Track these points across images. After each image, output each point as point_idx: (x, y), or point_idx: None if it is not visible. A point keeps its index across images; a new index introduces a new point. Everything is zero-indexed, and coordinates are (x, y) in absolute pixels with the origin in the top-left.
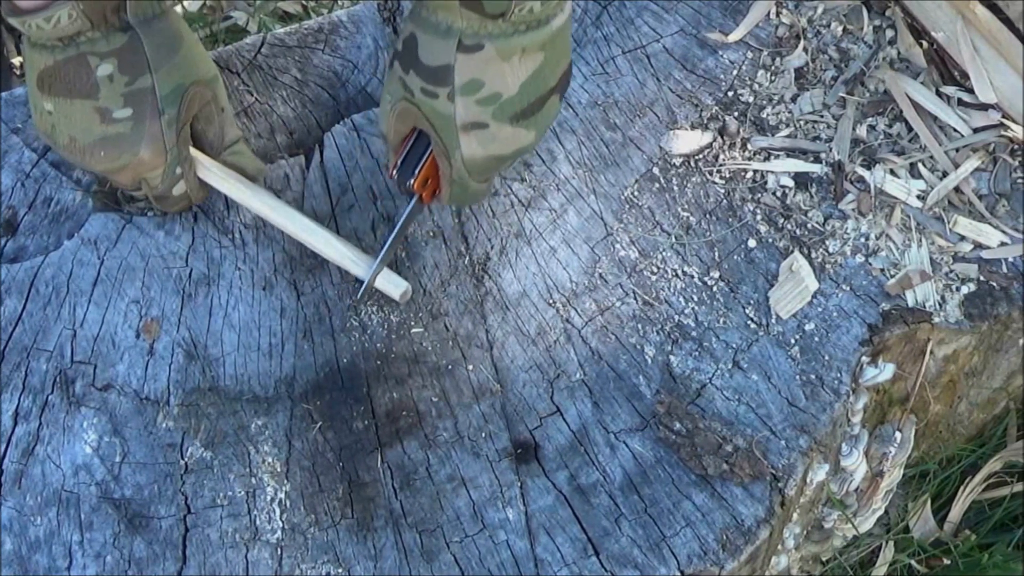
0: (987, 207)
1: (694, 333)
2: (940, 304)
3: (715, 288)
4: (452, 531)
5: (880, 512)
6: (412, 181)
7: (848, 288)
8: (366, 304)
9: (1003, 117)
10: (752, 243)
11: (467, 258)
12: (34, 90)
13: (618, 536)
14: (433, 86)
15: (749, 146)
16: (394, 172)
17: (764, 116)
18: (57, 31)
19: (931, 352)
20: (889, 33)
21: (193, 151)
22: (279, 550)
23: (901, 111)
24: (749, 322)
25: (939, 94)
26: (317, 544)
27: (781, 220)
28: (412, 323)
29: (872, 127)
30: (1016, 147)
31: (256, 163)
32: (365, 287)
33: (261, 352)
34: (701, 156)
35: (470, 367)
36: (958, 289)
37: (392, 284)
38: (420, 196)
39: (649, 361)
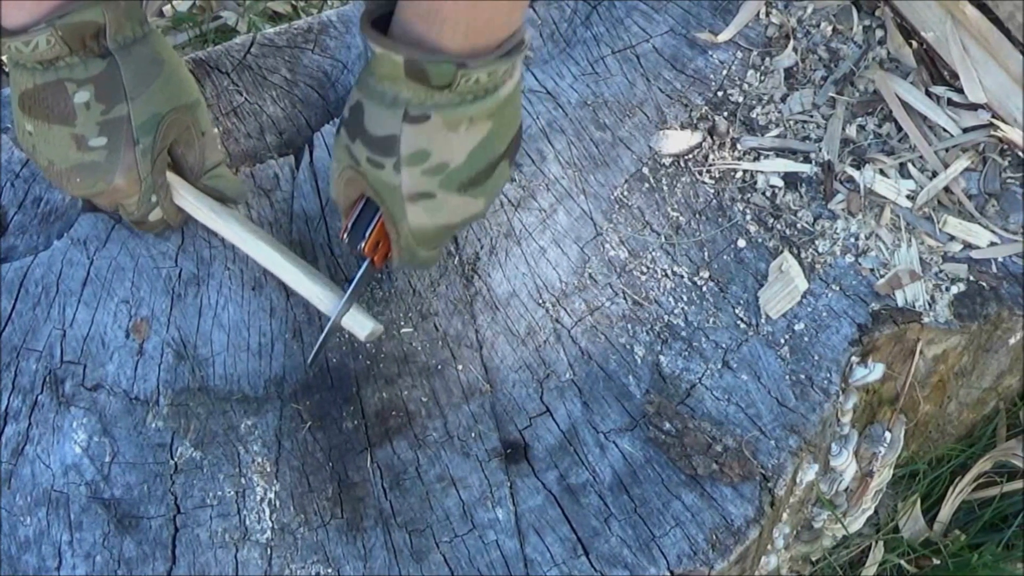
0: (977, 207)
1: (684, 333)
2: (930, 304)
3: (705, 288)
4: (442, 531)
5: (870, 512)
6: (363, 244)
7: (838, 288)
8: (317, 364)
9: (993, 117)
10: (742, 243)
11: (457, 258)
12: (16, 109)
13: (608, 536)
14: (379, 156)
15: (739, 146)
16: (345, 236)
17: (754, 116)
18: (36, 55)
19: (921, 352)
20: (879, 33)
21: (170, 176)
22: (269, 550)
23: (891, 111)
24: (739, 322)
25: (929, 94)
26: (307, 544)
27: (771, 220)
28: (402, 323)
29: (862, 127)
30: (1006, 147)
31: (237, 186)
32: (325, 335)
33: (251, 352)
34: (691, 156)
35: (460, 367)
36: (948, 289)
37: (358, 324)
38: (372, 260)
39: (639, 361)
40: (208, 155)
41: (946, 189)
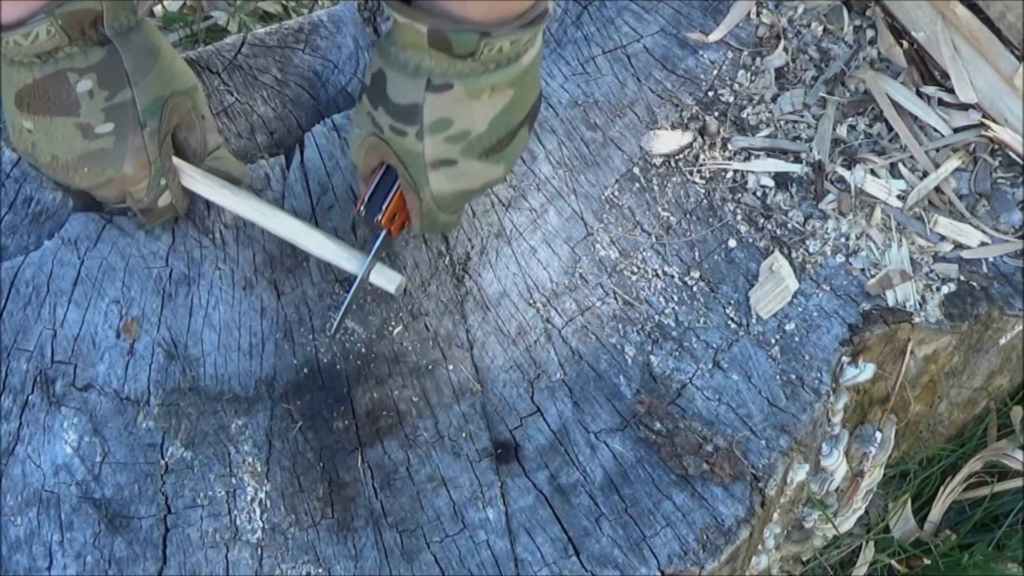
0: (967, 207)
1: (674, 333)
2: (920, 304)
3: (695, 288)
4: (432, 531)
5: (860, 512)
6: (380, 217)
7: (828, 288)
8: (350, 318)
9: (983, 117)
10: (732, 243)
11: (447, 258)
12: (12, 109)
13: (598, 536)
14: (402, 124)
15: (729, 146)
16: (362, 208)
17: (744, 116)
18: (35, 47)
19: (911, 352)
20: (869, 33)
21: (176, 160)
22: (259, 550)
23: (881, 111)
24: (729, 322)
25: (919, 94)
26: (297, 544)
27: (761, 220)
28: (392, 323)
29: (852, 127)
30: (996, 147)
31: (239, 167)
32: (358, 283)
33: (241, 352)
34: (681, 156)
35: (450, 367)
36: (938, 289)
37: (386, 278)
38: (388, 231)
39: (629, 361)
40: (209, 138)
41: (937, 189)
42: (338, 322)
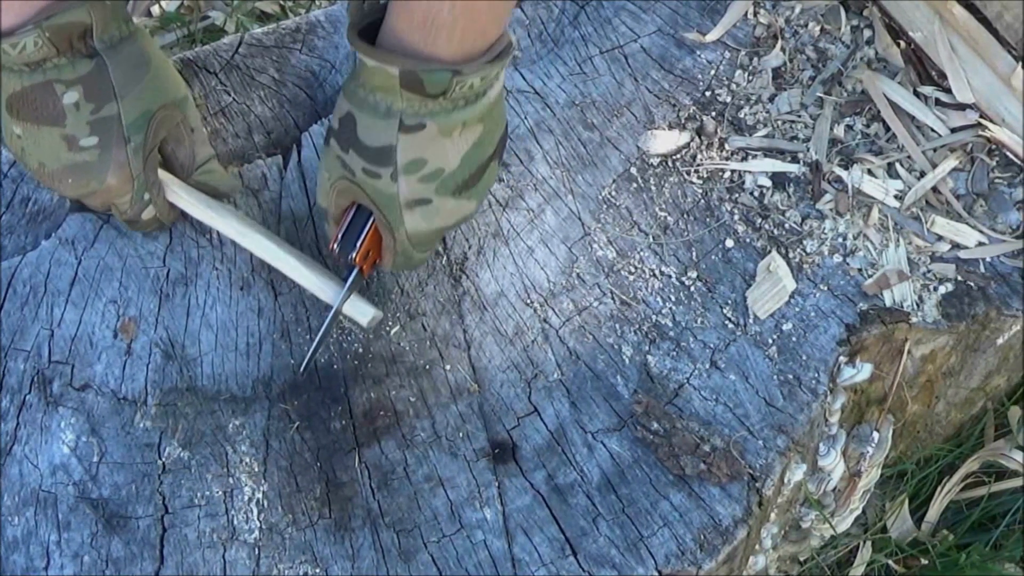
0: (964, 207)
1: (672, 333)
2: (918, 304)
3: (693, 288)
4: (430, 531)
5: (858, 512)
6: (354, 255)
7: (826, 288)
8: (310, 370)
9: (981, 117)
10: (730, 243)
11: (445, 258)
12: (4, 113)
13: (596, 536)
14: (375, 167)
15: (727, 146)
16: (335, 246)
17: (742, 116)
18: (23, 57)
19: (909, 352)
20: (867, 33)
21: (162, 174)
22: (257, 550)
23: (879, 111)
24: (727, 322)
25: (917, 94)
26: (295, 544)
27: (759, 220)
28: (390, 323)
29: (850, 127)
30: (993, 147)
31: (228, 180)
32: (331, 317)
33: (239, 352)
34: (679, 156)
35: (448, 367)
36: (936, 289)
37: (359, 311)
38: (360, 268)
39: (627, 361)
40: (198, 151)
41: (934, 189)
42: (310, 356)
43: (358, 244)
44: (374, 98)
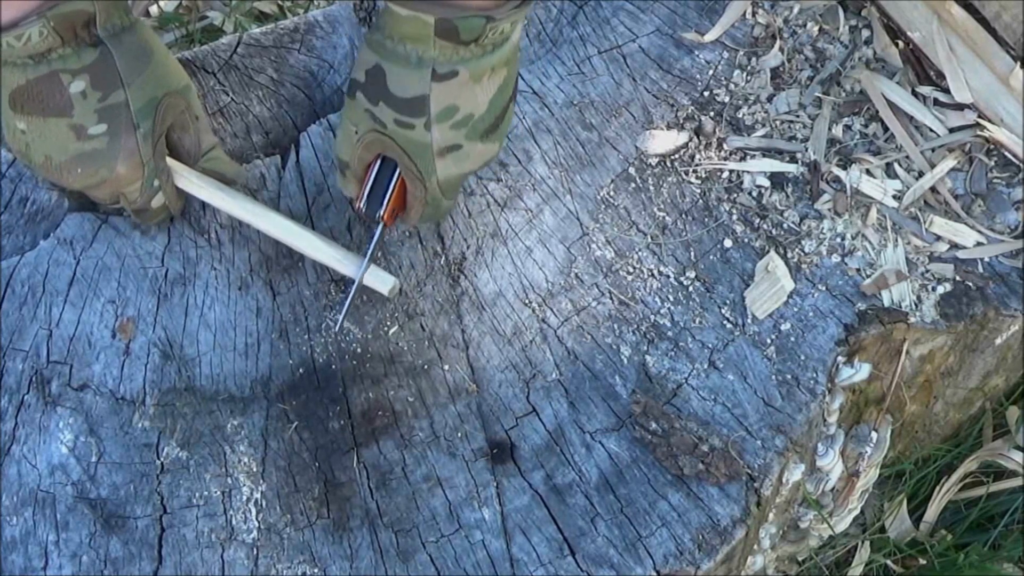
0: (963, 207)
1: (670, 333)
2: (916, 304)
3: (691, 288)
4: (428, 531)
5: (856, 512)
6: (382, 211)
7: (824, 288)
8: (349, 319)
9: (979, 117)
10: (728, 243)
11: (443, 258)
12: (6, 109)
13: (594, 536)
14: (408, 117)
15: (725, 146)
16: (362, 204)
17: (740, 116)
18: (28, 48)
19: (907, 352)
20: (865, 33)
21: (170, 161)
22: (255, 550)
23: (877, 111)
24: (725, 322)
25: (915, 94)
26: (293, 544)
27: (757, 220)
28: (388, 323)
29: (848, 127)
30: (992, 147)
31: (234, 167)
32: (355, 288)
33: (237, 352)
34: (677, 156)
35: (446, 367)
36: (934, 289)
37: (380, 280)
38: (385, 224)
39: (625, 361)
40: (203, 139)
41: (932, 189)
42: (340, 322)
43: (385, 200)
44: (404, 48)
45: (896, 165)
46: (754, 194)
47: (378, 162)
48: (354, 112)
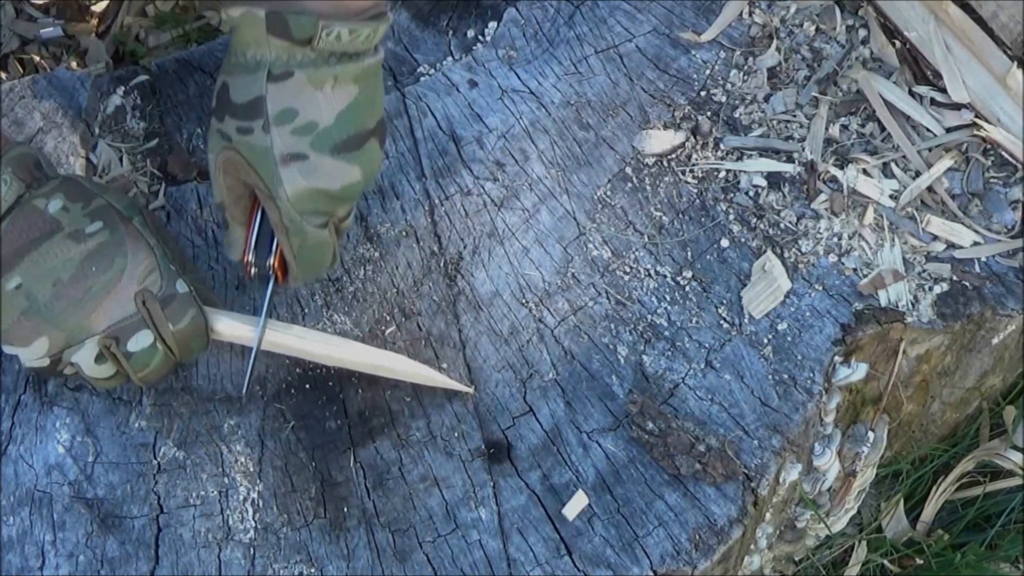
0: (960, 207)
1: (667, 333)
2: (913, 304)
3: (688, 288)
4: (425, 531)
5: (853, 512)
6: (272, 260)
7: (821, 288)
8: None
9: (976, 117)
10: (725, 243)
11: (440, 258)
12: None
13: (591, 536)
14: (247, 121)
15: (722, 146)
16: (250, 256)
17: (737, 116)
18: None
19: (904, 352)
20: (862, 33)
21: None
22: (252, 550)
23: (874, 111)
24: (722, 322)
25: (912, 94)
26: (290, 544)
27: (754, 220)
28: (385, 323)
29: (845, 127)
30: (989, 147)
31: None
32: (253, 361)
33: (234, 352)
34: (674, 156)
35: (443, 367)
36: (931, 289)
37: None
38: (276, 275)
39: (622, 361)
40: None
41: (929, 189)
42: (246, 386)
43: (273, 247)
44: (244, 57)
45: (893, 165)
46: (751, 194)
47: (259, 212)
48: (211, 141)
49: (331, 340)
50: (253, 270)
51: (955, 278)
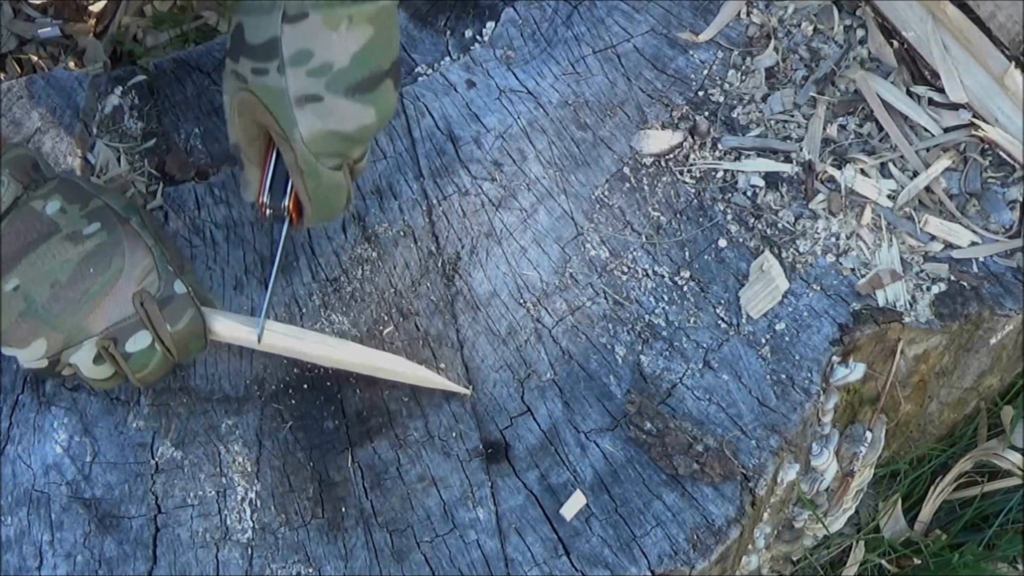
0: (958, 207)
1: (664, 333)
2: (911, 304)
3: (686, 288)
4: (422, 531)
5: (851, 512)
6: (287, 202)
7: (819, 288)
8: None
9: (973, 116)
10: (723, 243)
11: (438, 258)
12: None
13: (588, 536)
14: (262, 62)
15: (720, 146)
16: (264, 197)
17: (735, 116)
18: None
19: (901, 352)
20: (860, 32)
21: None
22: (249, 550)
23: (871, 111)
24: (720, 322)
25: (910, 94)
26: (287, 544)
27: (752, 220)
28: (383, 323)
29: (843, 127)
30: (987, 147)
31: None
32: (266, 303)
33: (232, 352)
34: (672, 156)
35: (441, 367)
36: (928, 289)
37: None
38: (291, 218)
39: (620, 361)
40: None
41: (927, 189)
42: (260, 329)
43: (288, 190)
44: None
45: (891, 165)
46: (749, 194)
47: (273, 153)
48: (226, 83)
49: (329, 341)
50: (268, 211)
51: (953, 278)
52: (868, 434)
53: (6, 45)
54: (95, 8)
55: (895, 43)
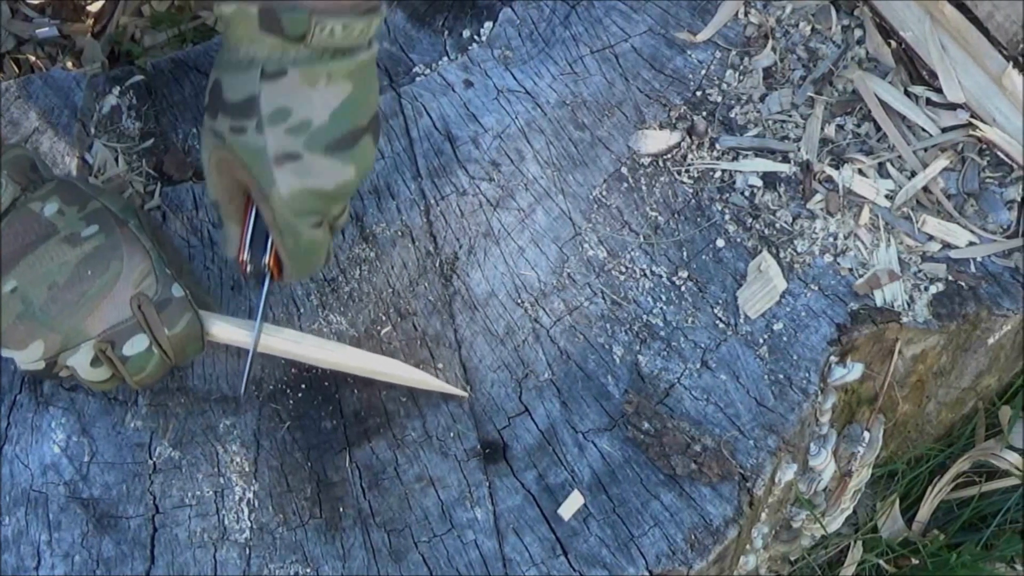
0: (955, 207)
1: (662, 333)
2: (908, 304)
3: (683, 288)
4: (420, 531)
5: (848, 512)
6: (267, 258)
7: (816, 288)
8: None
9: (971, 117)
10: (720, 243)
11: (435, 258)
12: None
13: (586, 536)
14: (241, 120)
15: (717, 146)
16: (245, 255)
17: (732, 116)
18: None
19: (899, 352)
20: (857, 32)
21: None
22: (247, 550)
23: (869, 111)
24: (717, 322)
25: (907, 94)
26: (285, 544)
27: (749, 220)
28: (381, 323)
29: (840, 127)
30: (984, 147)
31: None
32: (250, 363)
33: (230, 352)
34: (669, 156)
35: (439, 367)
36: (926, 289)
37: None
38: (271, 273)
39: (617, 361)
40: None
41: (925, 189)
42: (244, 386)
43: (269, 245)
44: (237, 55)
45: (888, 165)
46: (746, 194)
47: (253, 210)
48: (204, 140)
49: (327, 344)
50: (249, 268)
51: (951, 278)
52: (866, 434)
53: (4, 45)
54: (93, 8)
55: (893, 43)
